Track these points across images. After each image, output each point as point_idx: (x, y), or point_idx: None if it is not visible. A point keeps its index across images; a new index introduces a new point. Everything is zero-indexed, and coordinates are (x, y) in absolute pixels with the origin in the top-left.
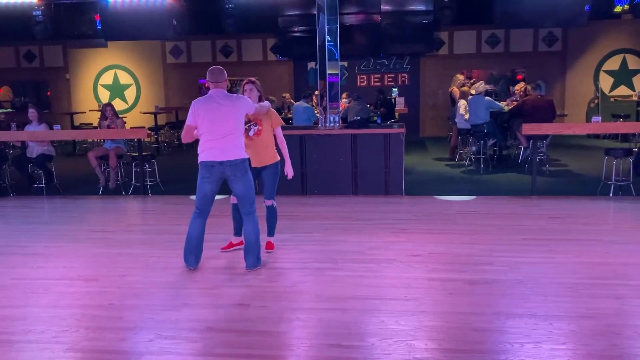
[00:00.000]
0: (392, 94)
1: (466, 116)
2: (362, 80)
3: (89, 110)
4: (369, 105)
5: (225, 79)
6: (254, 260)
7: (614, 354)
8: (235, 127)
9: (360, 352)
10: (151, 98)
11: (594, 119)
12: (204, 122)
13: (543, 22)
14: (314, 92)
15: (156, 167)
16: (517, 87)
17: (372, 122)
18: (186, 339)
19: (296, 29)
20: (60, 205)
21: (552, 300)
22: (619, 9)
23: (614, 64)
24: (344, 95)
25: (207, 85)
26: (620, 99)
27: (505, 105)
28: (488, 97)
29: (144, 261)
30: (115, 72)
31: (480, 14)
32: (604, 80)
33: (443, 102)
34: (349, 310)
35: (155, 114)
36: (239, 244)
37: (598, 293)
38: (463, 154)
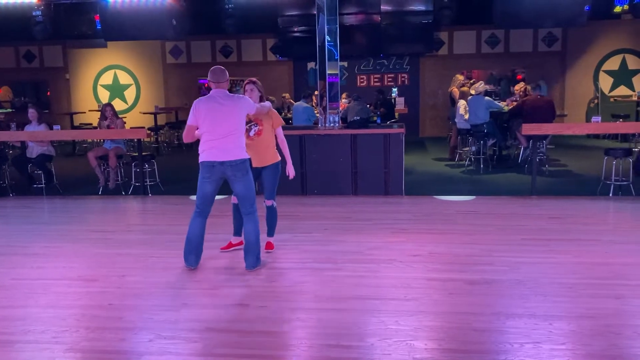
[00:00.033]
0: (392, 94)
1: (466, 116)
2: (361, 80)
3: (89, 111)
4: (368, 106)
5: (226, 79)
6: (254, 260)
7: (613, 354)
8: (236, 127)
9: (360, 352)
10: (151, 98)
11: (594, 119)
12: (205, 122)
13: (543, 22)
14: (313, 92)
15: (156, 167)
16: (516, 87)
17: (372, 122)
18: (186, 339)
19: (296, 29)
20: (60, 206)
21: (552, 300)
22: (618, 9)
23: (613, 64)
24: (344, 96)
25: (207, 85)
26: (619, 99)
27: (504, 105)
28: (488, 97)
29: (144, 261)
30: (115, 72)
31: (480, 14)
32: (604, 80)
33: (443, 102)
34: (349, 310)
35: (155, 114)
36: (238, 244)
37: (598, 293)
38: (463, 154)
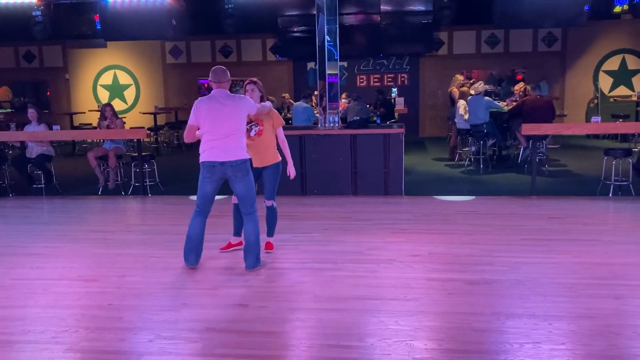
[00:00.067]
0: (392, 94)
1: (465, 116)
2: (361, 80)
3: (89, 111)
4: (368, 106)
5: (228, 79)
6: (254, 260)
7: (613, 354)
8: (237, 127)
9: (359, 353)
10: (151, 98)
11: (594, 119)
12: (206, 122)
13: (543, 22)
14: (313, 92)
15: (155, 167)
16: (516, 87)
17: (372, 122)
18: (186, 339)
19: (296, 29)
20: (59, 206)
21: (552, 300)
22: (618, 9)
23: (613, 64)
24: (344, 96)
25: (207, 85)
26: (619, 99)
27: (504, 106)
28: (487, 97)
29: (144, 261)
30: (114, 72)
31: (479, 14)
32: (604, 80)
33: (442, 102)
34: (349, 310)
35: (155, 114)
36: (238, 244)
37: (597, 293)
38: (462, 154)
